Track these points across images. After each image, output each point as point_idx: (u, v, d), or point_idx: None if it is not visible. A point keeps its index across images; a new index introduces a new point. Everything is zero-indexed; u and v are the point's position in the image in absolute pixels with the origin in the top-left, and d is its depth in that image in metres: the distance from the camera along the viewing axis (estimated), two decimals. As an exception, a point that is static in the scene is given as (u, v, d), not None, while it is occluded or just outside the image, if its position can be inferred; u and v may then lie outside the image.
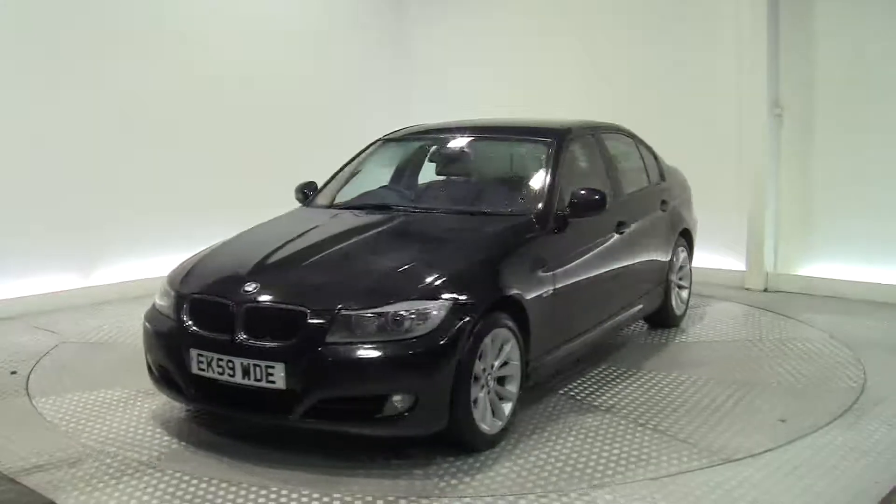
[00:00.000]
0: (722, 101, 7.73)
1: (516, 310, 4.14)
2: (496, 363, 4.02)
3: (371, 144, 5.83)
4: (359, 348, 3.66)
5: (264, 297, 3.92)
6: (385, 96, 9.84)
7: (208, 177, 8.14)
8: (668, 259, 6.08)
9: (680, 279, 6.38)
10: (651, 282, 5.85)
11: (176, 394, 4.19)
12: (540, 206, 4.72)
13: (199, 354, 3.92)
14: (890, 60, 6.90)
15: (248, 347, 3.80)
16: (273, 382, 3.73)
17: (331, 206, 5.36)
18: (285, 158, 8.50)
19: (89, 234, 7.41)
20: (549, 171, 4.89)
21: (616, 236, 5.21)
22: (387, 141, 5.82)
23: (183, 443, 4.15)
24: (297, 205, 5.56)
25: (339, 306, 3.74)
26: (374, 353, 3.65)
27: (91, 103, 7.40)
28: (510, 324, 4.07)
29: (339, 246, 4.42)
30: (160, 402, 4.70)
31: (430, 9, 9.92)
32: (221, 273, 4.31)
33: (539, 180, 4.91)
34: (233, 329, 3.86)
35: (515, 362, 4.12)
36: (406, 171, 5.68)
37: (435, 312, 3.72)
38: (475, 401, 3.86)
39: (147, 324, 4.34)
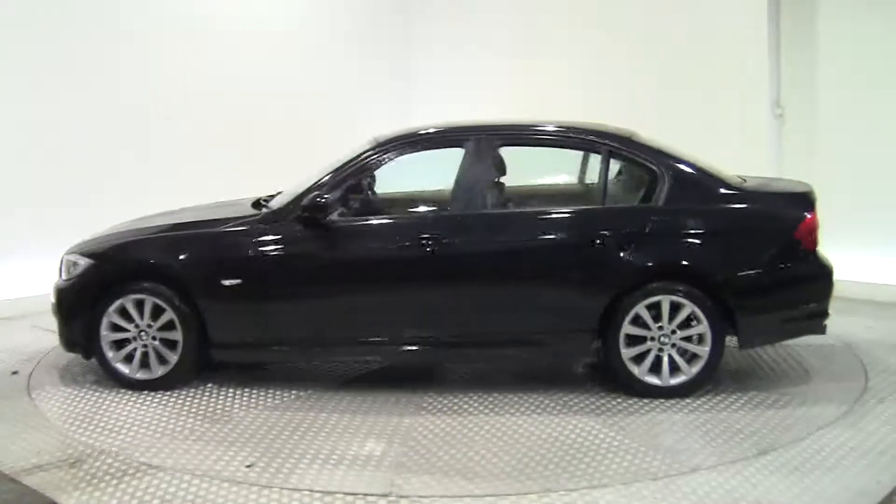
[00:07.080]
0: (723, 100, 7.70)
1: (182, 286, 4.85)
2: (154, 324, 4.87)
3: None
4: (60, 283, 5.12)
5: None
6: (385, 96, 9.82)
7: (209, 179, 8.09)
8: (604, 304, 4.67)
9: (684, 340, 4.67)
10: (539, 324, 4.81)
11: None
12: (282, 205, 4.98)
13: None
14: (891, 60, 6.89)
15: None
16: None
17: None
18: (284, 159, 8.44)
19: (91, 234, 7.39)
20: (323, 175, 4.96)
21: (416, 252, 4.72)
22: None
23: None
24: None
25: (65, 254, 5.17)
26: (56, 286, 5.10)
27: (92, 104, 7.41)
28: (171, 297, 4.81)
29: (167, 222, 5.25)
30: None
31: (431, 9, 9.91)
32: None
33: (307, 184, 4.98)
34: None
35: (177, 331, 4.84)
36: None
37: (80, 265, 5.01)
38: (118, 345, 4.91)
39: None
